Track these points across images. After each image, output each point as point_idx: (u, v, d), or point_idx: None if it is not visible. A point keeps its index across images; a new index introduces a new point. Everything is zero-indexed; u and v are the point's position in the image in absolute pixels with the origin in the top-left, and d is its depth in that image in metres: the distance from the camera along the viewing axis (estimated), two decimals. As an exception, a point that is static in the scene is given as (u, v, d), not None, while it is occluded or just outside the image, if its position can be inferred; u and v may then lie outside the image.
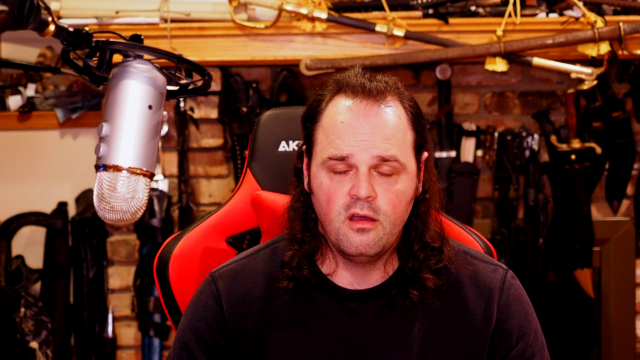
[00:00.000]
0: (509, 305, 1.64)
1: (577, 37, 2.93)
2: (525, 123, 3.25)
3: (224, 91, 3.14)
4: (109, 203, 1.43)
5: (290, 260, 1.61)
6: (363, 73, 1.60)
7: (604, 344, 3.35)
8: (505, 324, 1.62)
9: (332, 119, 1.56)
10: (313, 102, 1.61)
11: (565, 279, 3.24)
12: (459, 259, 1.64)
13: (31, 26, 1.32)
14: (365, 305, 1.60)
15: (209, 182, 3.21)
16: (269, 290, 1.62)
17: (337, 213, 1.53)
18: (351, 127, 1.53)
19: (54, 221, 3.27)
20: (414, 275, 1.60)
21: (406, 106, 1.58)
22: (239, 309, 1.62)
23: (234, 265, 1.67)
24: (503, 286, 1.64)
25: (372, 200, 1.52)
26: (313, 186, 1.58)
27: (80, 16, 2.93)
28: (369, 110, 1.54)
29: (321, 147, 1.57)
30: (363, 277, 1.61)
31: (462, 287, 1.63)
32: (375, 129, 1.53)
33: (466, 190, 3.20)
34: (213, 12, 2.98)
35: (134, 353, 3.26)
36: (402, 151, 1.55)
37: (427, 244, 1.61)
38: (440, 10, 2.99)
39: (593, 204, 3.25)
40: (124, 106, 1.44)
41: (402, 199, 1.55)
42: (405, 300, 1.59)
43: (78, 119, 3.26)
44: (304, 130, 1.62)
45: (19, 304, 3.17)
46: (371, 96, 1.55)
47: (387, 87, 1.57)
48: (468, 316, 1.62)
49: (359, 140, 1.53)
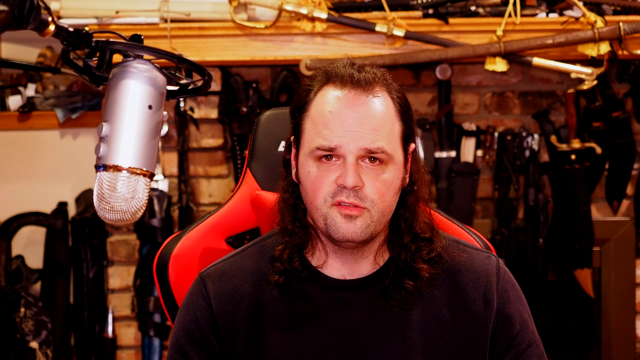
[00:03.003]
0: (507, 290, 1.66)
1: (577, 37, 2.93)
2: (525, 123, 3.25)
3: (224, 91, 3.14)
4: (109, 203, 1.43)
5: (281, 254, 1.62)
6: (351, 64, 1.61)
7: (604, 344, 3.35)
8: (506, 308, 1.64)
9: (320, 108, 1.57)
10: (301, 92, 1.63)
11: (565, 279, 3.24)
12: (452, 248, 1.66)
13: (31, 26, 1.32)
14: (357, 295, 1.61)
15: (209, 182, 3.21)
16: (257, 286, 1.63)
17: (323, 200, 1.55)
18: (339, 116, 1.55)
19: (54, 221, 3.27)
20: (407, 266, 1.61)
21: (394, 97, 1.59)
22: (227, 306, 1.62)
23: (221, 264, 1.68)
24: (499, 272, 1.67)
25: (358, 190, 1.54)
26: (301, 175, 1.60)
27: (80, 16, 2.93)
28: (357, 100, 1.55)
29: (309, 136, 1.58)
30: (353, 267, 1.62)
31: (459, 274, 1.65)
32: (363, 119, 1.54)
33: (466, 190, 3.20)
34: (213, 12, 2.98)
35: (134, 353, 3.26)
36: (389, 142, 1.56)
37: (417, 234, 1.62)
38: (440, 10, 2.99)
39: (593, 204, 3.25)
40: (124, 106, 1.44)
41: (390, 188, 1.57)
42: (401, 290, 1.60)
43: (78, 119, 3.26)
44: (292, 120, 1.64)
45: (19, 304, 3.17)
46: (359, 86, 1.56)
47: (376, 78, 1.58)
48: (467, 302, 1.63)
49: (347, 130, 1.54)
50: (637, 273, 3.32)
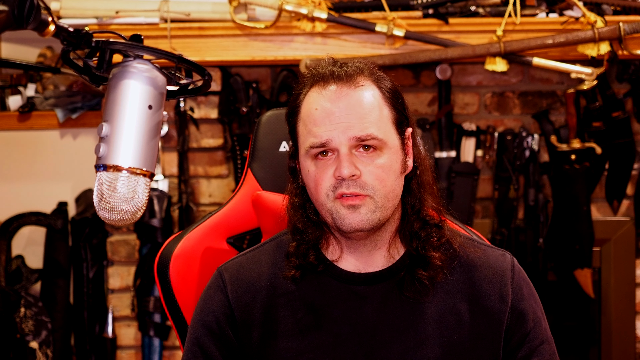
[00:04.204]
0: (521, 287, 1.67)
1: (577, 37, 2.93)
2: (525, 123, 3.25)
3: (224, 91, 3.14)
4: (109, 203, 1.43)
5: (296, 250, 1.64)
6: (333, 62, 1.63)
7: (604, 344, 3.35)
8: (520, 305, 1.65)
9: (308, 108, 1.61)
10: (292, 97, 1.66)
11: (565, 279, 3.24)
12: (467, 245, 1.68)
13: (31, 26, 1.32)
14: (372, 288, 1.62)
15: (209, 182, 3.21)
16: (274, 279, 1.65)
17: (326, 195, 1.57)
18: (324, 111, 1.57)
19: (54, 221, 3.27)
20: (419, 256, 1.62)
21: (381, 86, 1.61)
22: (244, 297, 1.64)
23: (239, 258, 1.71)
24: (514, 269, 1.68)
25: (357, 178, 1.56)
26: (303, 177, 1.62)
27: (80, 16, 2.93)
28: (340, 93, 1.58)
29: (303, 138, 1.61)
30: (367, 260, 1.63)
31: (475, 269, 1.66)
32: (348, 109, 1.57)
33: (466, 190, 3.20)
34: (213, 12, 2.98)
35: (134, 353, 3.26)
36: (379, 127, 1.57)
37: (426, 221, 1.64)
38: (440, 10, 2.99)
39: (593, 204, 3.25)
40: (124, 106, 1.44)
41: (389, 172, 1.58)
42: (415, 282, 1.61)
43: (78, 119, 3.26)
44: (288, 127, 1.66)
45: (19, 304, 3.17)
46: (341, 80, 1.59)
47: (358, 70, 1.60)
48: (483, 297, 1.64)
49: (334, 123, 1.56)
50: (637, 273, 3.32)
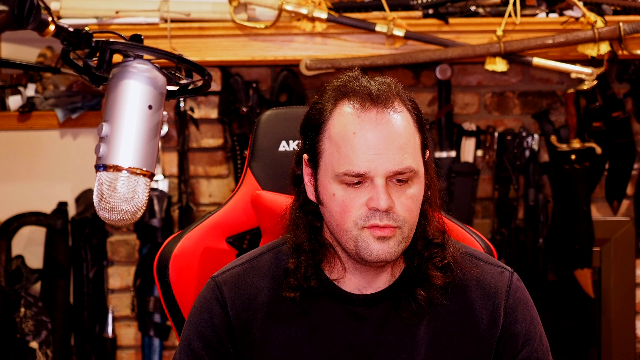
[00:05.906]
0: (516, 309, 1.63)
1: (577, 37, 2.93)
2: (525, 123, 3.25)
3: (224, 91, 3.14)
4: (109, 203, 1.43)
5: (296, 270, 1.58)
6: (362, 76, 1.57)
7: (604, 344, 3.35)
8: (511, 327, 1.62)
9: (341, 129, 1.52)
10: (314, 111, 1.57)
11: (565, 279, 3.24)
12: (464, 261, 1.63)
13: (31, 26, 1.32)
14: (371, 309, 1.59)
15: (209, 182, 3.21)
16: (273, 295, 1.60)
17: (354, 223, 1.52)
18: (364, 139, 1.50)
19: (54, 221, 3.27)
20: (420, 274, 1.59)
21: (410, 108, 1.55)
22: (244, 315, 1.60)
23: (236, 269, 1.65)
24: (509, 289, 1.64)
25: (390, 210, 1.51)
26: (323, 197, 1.56)
27: (80, 16, 2.93)
28: (380, 119, 1.51)
29: (332, 159, 1.53)
30: (371, 281, 1.60)
31: (468, 290, 1.62)
32: (388, 139, 1.50)
33: (466, 190, 3.20)
34: (213, 12, 2.98)
35: (134, 353, 3.26)
36: (414, 157, 1.53)
37: (430, 240, 1.60)
38: (440, 10, 2.99)
39: (593, 204, 3.25)
40: (124, 106, 1.44)
41: (417, 202, 1.55)
42: (412, 303, 1.58)
43: (78, 119, 3.26)
44: (306, 141, 1.58)
45: (19, 304, 3.17)
46: (379, 103, 1.52)
47: (391, 91, 1.54)
48: (474, 320, 1.61)
49: (373, 154, 1.50)
50: (637, 273, 3.32)
